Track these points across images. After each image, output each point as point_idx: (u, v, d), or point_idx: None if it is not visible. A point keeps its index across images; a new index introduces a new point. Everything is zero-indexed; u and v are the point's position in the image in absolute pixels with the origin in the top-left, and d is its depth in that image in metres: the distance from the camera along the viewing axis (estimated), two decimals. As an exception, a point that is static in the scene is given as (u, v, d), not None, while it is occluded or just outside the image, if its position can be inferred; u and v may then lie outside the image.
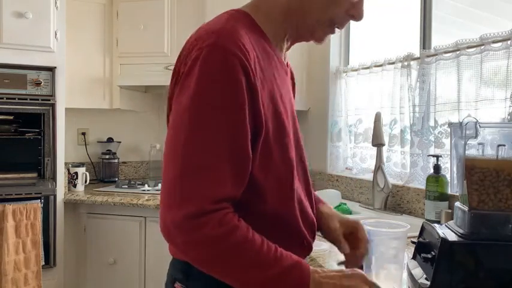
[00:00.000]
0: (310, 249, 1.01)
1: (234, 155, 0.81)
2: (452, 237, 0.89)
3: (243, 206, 0.86)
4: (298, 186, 0.97)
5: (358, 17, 0.94)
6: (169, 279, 0.97)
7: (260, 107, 0.84)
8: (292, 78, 1.14)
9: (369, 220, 1.09)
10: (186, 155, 0.79)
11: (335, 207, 2.20)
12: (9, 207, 2.30)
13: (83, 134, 3.23)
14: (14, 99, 2.46)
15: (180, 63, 0.86)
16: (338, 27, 0.97)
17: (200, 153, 0.79)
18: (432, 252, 0.90)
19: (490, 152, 0.92)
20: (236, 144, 0.81)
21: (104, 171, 3.21)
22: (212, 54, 0.80)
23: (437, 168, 1.86)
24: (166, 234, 0.81)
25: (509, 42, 1.60)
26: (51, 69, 2.54)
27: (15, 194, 2.38)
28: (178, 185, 0.78)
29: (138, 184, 2.94)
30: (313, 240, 1.03)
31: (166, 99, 0.92)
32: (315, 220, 1.03)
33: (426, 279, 0.90)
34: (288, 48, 1.03)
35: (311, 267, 0.83)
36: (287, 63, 1.11)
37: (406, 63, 2.10)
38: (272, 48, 0.95)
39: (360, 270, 0.85)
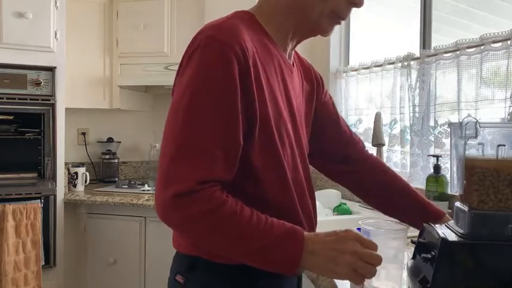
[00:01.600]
0: None
1: (225, 141, 0.84)
2: (452, 237, 0.89)
3: (244, 194, 0.88)
4: (297, 178, 0.99)
5: (359, 3, 0.97)
6: (172, 273, 0.99)
7: (255, 99, 0.88)
8: (313, 78, 1.17)
9: (369, 220, 1.09)
10: (180, 140, 0.83)
11: (335, 208, 2.20)
12: (9, 207, 2.30)
13: (83, 134, 3.23)
14: (14, 99, 2.46)
15: (183, 56, 0.90)
16: (341, 18, 0.98)
17: (193, 139, 0.83)
18: (432, 252, 0.90)
19: (490, 152, 0.92)
20: (227, 132, 0.85)
21: (104, 171, 3.21)
22: (209, 46, 0.84)
23: (437, 168, 1.86)
24: (160, 214, 0.84)
25: (509, 42, 1.60)
26: (51, 69, 2.54)
27: (15, 194, 2.38)
28: (170, 168, 0.82)
29: (138, 184, 2.94)
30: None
31: (171, 93, 0.95)
32: (313, 215, 1.05)
33: (426, 279, 0.90)
34: (294, 47, 1.05)
35: (306, 234, 0.83)
36: (305, 62, 1.17)
37: (406, 63, 2.10)
38: (276, 48, 0.97)
39: (352, 230, 0.84)
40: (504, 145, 0.89)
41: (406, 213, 1.17)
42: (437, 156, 1.86)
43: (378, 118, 2.12)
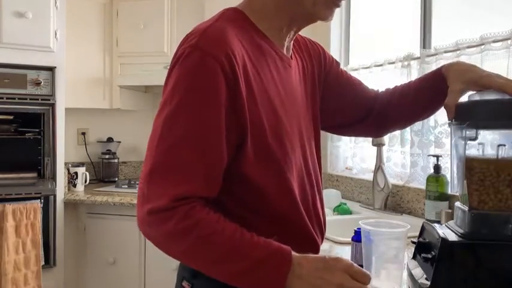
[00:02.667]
0: (317, 249, 0.98)
1: (205, 157, 0.80)
2: (452, 237, 0.89)
3: (246, 207, 0.86)
4: (302, 184, 0.96)
5: None
6: (178, 278, 0.98)
7: (244, 107, 0.83)
8: (313, 54, 1.10)
9: (369, 220, 1.09)
10: (156, 154, 0.80)
11: (335, 208, 2.20)
12: (9, 207, 2.30)
13: (83, 134, 3.23)
14: (14, 99, 2.46)
15: (170, 64, 0.88)
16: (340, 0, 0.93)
17: (171, 154, 0.80)
18: (432, 252, 0.89)
19: (490, 152, 0.92)
20: (207, 144, 0.81)
21: (104, 171, 3.21)
22: (191, 55, 0.81)
23: (437, 168, 1.86)
24: (140, 229, 0.84)
25: (509, 42, 1.60)
26: (51, 69, 2.54)
27: (15, 194, 2.37)
28: (145, 184, 0.81)
29: (138, 184, 2.94)
30: (322, 240, 1.01)
31: None
32: (322, 220, 1.02)
33: (426, 279, 0.90)
34: (292, 39, 0.99)
35: (294, 257, 0.78)
36: (315, 45, 1.12)
37: (406, 63, 2.09)
38: (270, 44, 0.92)
39: (344, 260, 0.79)
40: (504, 145, 0.89)
41: (425, 100, 1.10)
42: (437, 156, 1.86)
43: (378, 118, 2.12)
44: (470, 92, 0.99)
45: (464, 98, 0.98)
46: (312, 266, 0.78)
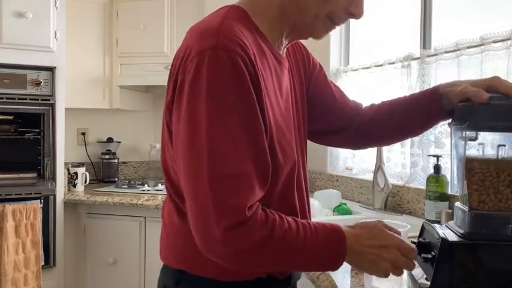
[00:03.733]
0: None
1: (256, 156, 0.80)
2: (452, 237, 0.89)
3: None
4: (299, 190, 0.97)
5: (358, 15, 0.90)
6: (159, 286, 0.99)
7: (265, 103, 0.83)
8: (303, 57, 1.11)
9: (369, 220, 1.08)
10: (210, 166, 0.76)
11: (335, 208, 2.20)
12: (9, 207, 2.30)
13: (83, 134, 3.23)
14: (14, 99, 2.46)
15: (178, 67, 0.82)
16: (336, 24, 0.93)
17: (224, 162, 0.77)
18: (432, 252, 0.89)
19: (490, 152, 0.92)
20: (256, 145, 0.80)
21: (104, 171, 3.21)
22: (217, 56, 0.77)
23: (437, 168, 1.86)
24: (211, 251, 0.79)
25: (509, 42, 1.60)
26: (51, 69, 2.54)
27: (15, 194, 2.37)
28: (210, 200, 0.76)
29: (138, 184, 2.94)
30: None
31: (165, 104, 0.88)
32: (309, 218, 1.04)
33: (426, 279, 0.90)
34: (287, 45, 1.00)
35: (349, 232, 0.85)
36: (299, 45, 1.11)
37: (406, 63, 2.09)
38: (268, 45, 0.92)
39: (394, 237, 0.87)
40: (504, 145, 0.89)
41: (415, 118, 1.09)
42: (437, 156, 1.86)
43: (378, 118, 2.12)
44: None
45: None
46: (369, 243, 0.85)
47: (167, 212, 0.98)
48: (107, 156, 3.20)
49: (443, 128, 1.91)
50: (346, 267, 1.32)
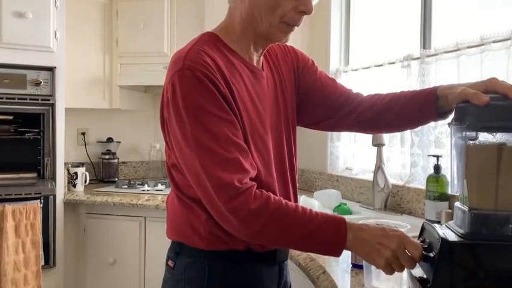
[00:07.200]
0: None
1: (235, 144, 0.96)
2: (452, 237, 0.89)
3: None
4: (281, 179, 1.10)
5: (308, 11, 1.00)
6: (166, 260, 1.13)
7: (237, 106, 0.99)
8: (291, 61, 1.21)
9: (369, 220, 1.09)
10: (201, 159, 0.94)
11: (335, 208, 2.20)
12: (9, 207, 2.30)
13: (83, 134, 3.23)
14: (14, 99, 2.46)
15: (165, 89, 1.02)
16: (293, 25, 1.03)
17: (211, 153, 0.94)
18: (432, 253, 0.90)
19: (490, 152, 0.92)
20: (236, 137, 0.97)
21: (104, 171, 3.21)
22: (184, 75, 0.96)
23: (437, 168, 1.86)
24: (227, 225, 0.96)
25: (509, 42, 1.60)
26: (51, 69, 2.54)
27: (15, 194, 2.38)
28: (208, 183, 0.93)
29: (138, 184, 2.94)
30: None
31: (159, 110, 1.08)
32: None
33: (426, 279, 0.90)
34: (261, 55, 1.11)
35: (351, 223, 0.93)
36: (287, 48, 1.23)
37: (406, 63, 2.09)
38: (241, 60, 1.06)
39: (398, 230, 0.93)
40: (504, 145, 0.89)
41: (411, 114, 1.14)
42: (437, 156, 1.86)
43: (377, 118, 2.11)
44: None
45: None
46: (372, 232, 0.92)
47: (170, 198, 1.16)
48: (106, 156, 3.21)
49: (443, 128, 1.91)
50: (346, 267, 1.32)
